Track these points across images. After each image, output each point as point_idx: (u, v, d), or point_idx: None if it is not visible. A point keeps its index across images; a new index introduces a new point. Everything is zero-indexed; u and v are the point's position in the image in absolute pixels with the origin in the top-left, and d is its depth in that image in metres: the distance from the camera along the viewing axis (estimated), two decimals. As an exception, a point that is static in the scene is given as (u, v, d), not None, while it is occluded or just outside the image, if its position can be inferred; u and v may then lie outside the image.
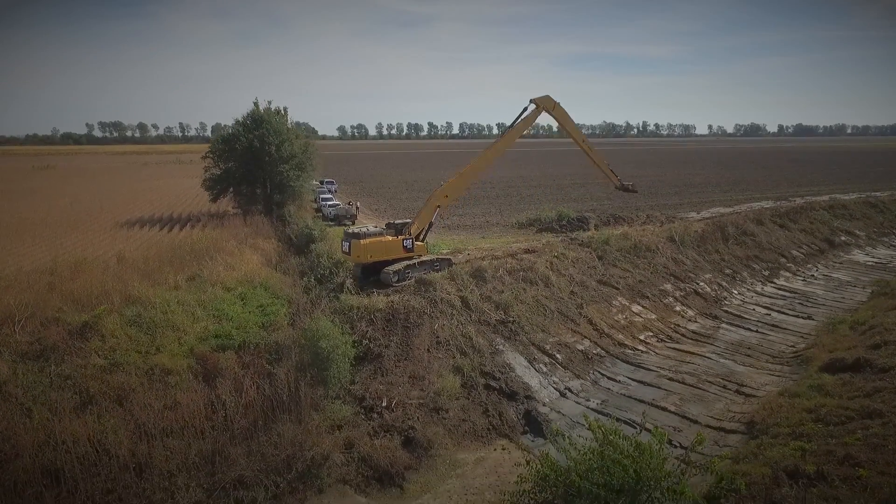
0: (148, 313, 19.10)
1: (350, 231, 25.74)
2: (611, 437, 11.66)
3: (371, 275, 25.54)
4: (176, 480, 13.67)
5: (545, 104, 28.00)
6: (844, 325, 23.81)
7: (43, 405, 14.46)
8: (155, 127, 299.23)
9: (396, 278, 24.73)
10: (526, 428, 18.22)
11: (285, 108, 46.64)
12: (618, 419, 15.32)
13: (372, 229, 25.76)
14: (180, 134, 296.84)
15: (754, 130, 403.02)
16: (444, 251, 29.36)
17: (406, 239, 25.64)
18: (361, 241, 24.55)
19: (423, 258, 26.12)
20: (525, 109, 27.85)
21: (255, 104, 44.07)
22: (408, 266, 25.27)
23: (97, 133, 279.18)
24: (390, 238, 25.50)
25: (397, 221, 27.50)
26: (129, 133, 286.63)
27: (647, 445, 11.34)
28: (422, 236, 26.59)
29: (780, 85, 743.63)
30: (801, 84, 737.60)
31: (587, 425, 12.78)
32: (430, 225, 26.96)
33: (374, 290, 24.20)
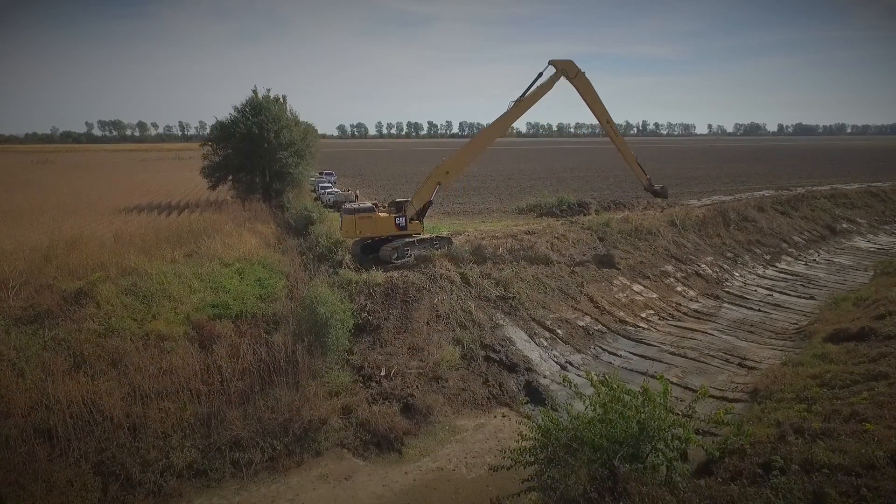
0: (144, 283, 18.88)
1: (345, 207, 25.68)
2: (614, 387, 11.50)
3: (370, 252, 25.35)
4: (171, 440, 13.46)
5: (566, 69, 25.51)
6: (848, 302, 23.60)
7: (36, 366, 14.24)
8: (154, 126, 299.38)
9: (396, 255, 24.53)
10: (527, 398, 18.00)
11: (284, 97, 46.27)
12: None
13: (364, 205, 25.53)
14: (180, 133, 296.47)
15: (754, 130, 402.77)
16: (444, 232, 29.13)
17: (399, 216, 25.22)
18: (351, 216, 24.32)
19: (423, 236, 25.90)
20: (540, 75, 25.09)
21: (255, 91, 43.82)
22: (407, 244, 25.06)
23: (97, 132, 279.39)
24: (382, 215, 25.15)
25: (399, 199, 27.19)
26: (128, 132, 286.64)
27: (652, 395, 11.16)
28: (420, 214, 26.14)
29: (780, 85, 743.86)
30: (801, 84, 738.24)
31: (590, 383, 12.60)
32: (430, 203, 26.45)
33: (374, 266, 23.99)
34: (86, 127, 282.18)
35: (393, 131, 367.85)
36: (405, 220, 25.27)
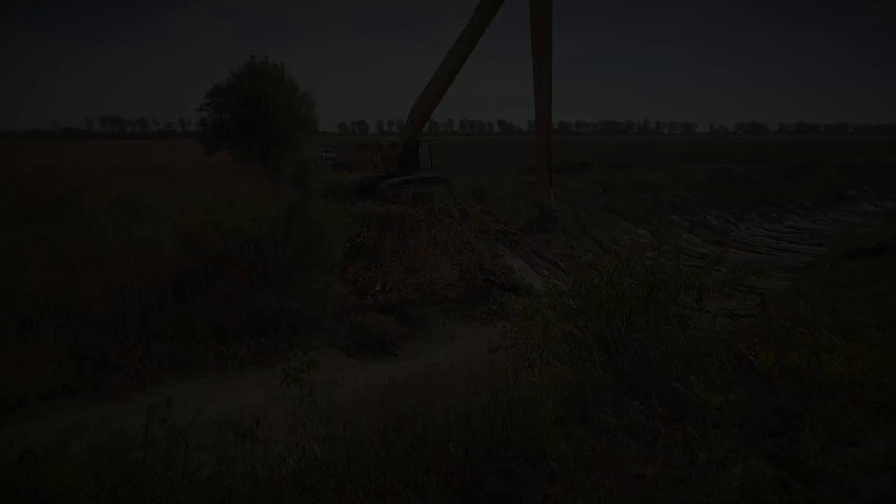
0: (131, 200, 18.17)
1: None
2: (625, 260, 10.79)
3: (366, 192, 24.74)
4: (152, 328, 12.73)
5: None
6: (860, 239, 22.85)
7: (12, 257, 13.51)
8: (156, 122, 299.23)
9: (393, 192, 23.87)
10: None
11: (282, 64, 45.71)
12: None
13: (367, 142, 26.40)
14: (181, 129, 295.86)
15: (756, 129, 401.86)
16: None
17: (373, 154, 26.16)
18: (355, 150, 26.51)
19: (422, 175, 25.35)
20: None
21: (252, 57, 43.15)
22: (405, 181, 24.46)
23: (97, 128, 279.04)
24: (366, 152, 26.82)
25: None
26: (129, 129, 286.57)
27: (666, 264, 10.47)
28: (405, 156, 25.65)
29: (781, 84, 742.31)
30: (803, 83, 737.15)
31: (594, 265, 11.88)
32: (408, 143, 25.77)
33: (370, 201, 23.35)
34: (87, 123, 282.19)
35: (394, 129, 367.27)
36: (378, 157, 25.93)
